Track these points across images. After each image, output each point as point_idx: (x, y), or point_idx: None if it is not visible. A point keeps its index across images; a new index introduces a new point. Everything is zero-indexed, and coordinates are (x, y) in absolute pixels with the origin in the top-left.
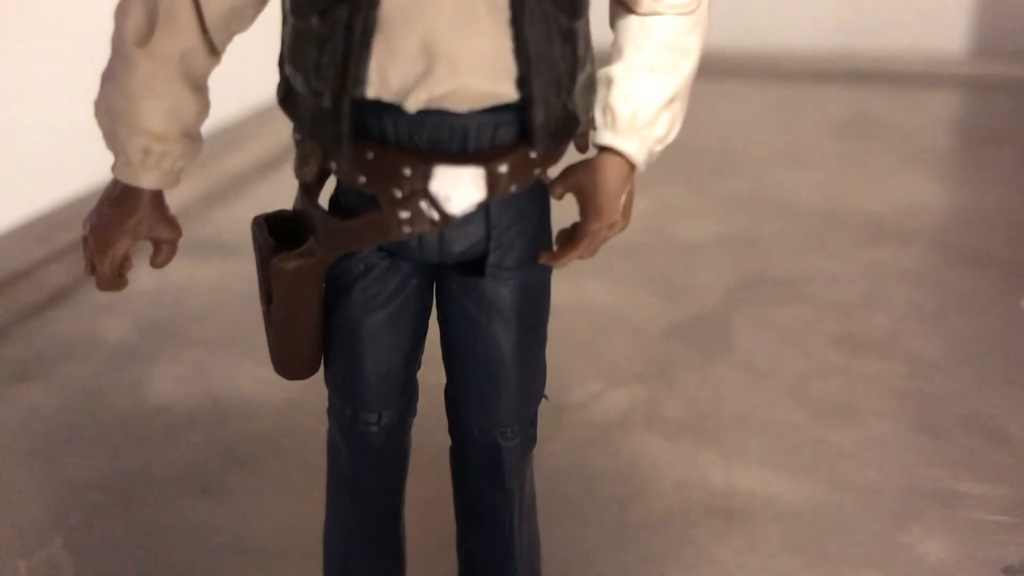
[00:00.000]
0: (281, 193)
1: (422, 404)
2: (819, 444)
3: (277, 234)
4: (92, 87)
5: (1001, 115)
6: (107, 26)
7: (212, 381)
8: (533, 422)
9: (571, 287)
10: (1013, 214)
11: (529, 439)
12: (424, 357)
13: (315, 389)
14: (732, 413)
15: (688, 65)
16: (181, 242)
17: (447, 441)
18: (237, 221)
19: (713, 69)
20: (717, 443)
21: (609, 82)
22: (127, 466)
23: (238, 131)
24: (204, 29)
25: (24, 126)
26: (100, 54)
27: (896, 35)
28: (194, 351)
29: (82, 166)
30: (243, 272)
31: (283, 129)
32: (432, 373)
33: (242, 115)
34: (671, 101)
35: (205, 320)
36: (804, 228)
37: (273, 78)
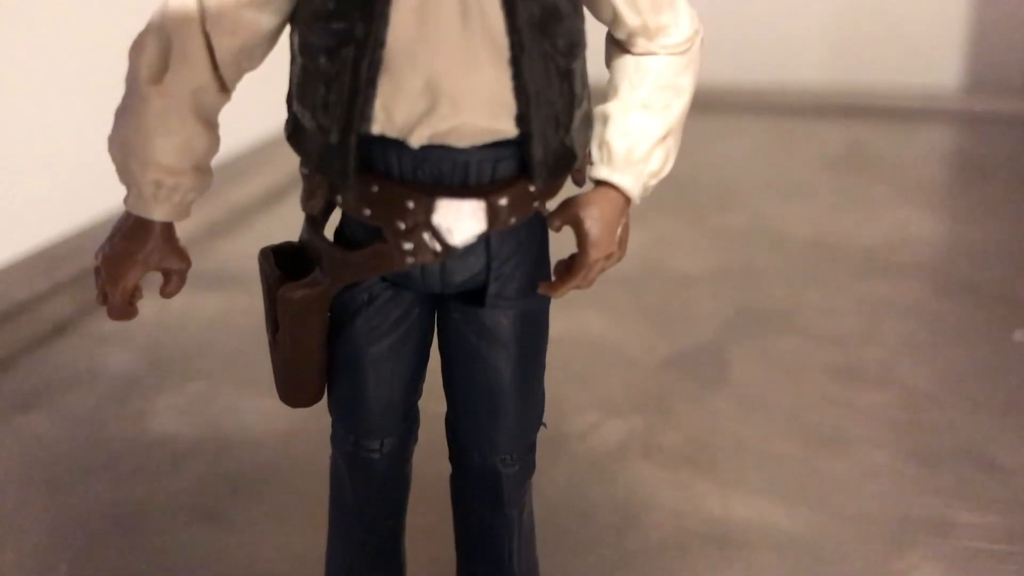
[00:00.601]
0: (282, 227)
1: (422, 433)
2: (814, 473)
3: (283, 265)
4: (95, 122)
5: (994, 149)
6: (108, 62)
7: (214, 411)
8: (532, 449)
9: (569, 319)
10: (1006, 247)
11: (528, 466)
12: (424, 386)
13: (316, 419)
14: (728, 443)
15: (681, 103)
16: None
17: (447, 470)
18: (238, 254)
19: (710, 104)
20: (714, 472)
21: (605, 119)
22: (130, 495)
23: (239, 165)
24: (215, 67)
25: (28, 161)
26: (102, 90)
27: (890, 70)
28: (196, 382)
29: (84, 200)
30: (245, 305)
31: (284, 164)
32: (431, 404)
33: (243, 150)
34: (665, 137)
35: (207, 352)
36: (799, 261)
37: (274, 114)
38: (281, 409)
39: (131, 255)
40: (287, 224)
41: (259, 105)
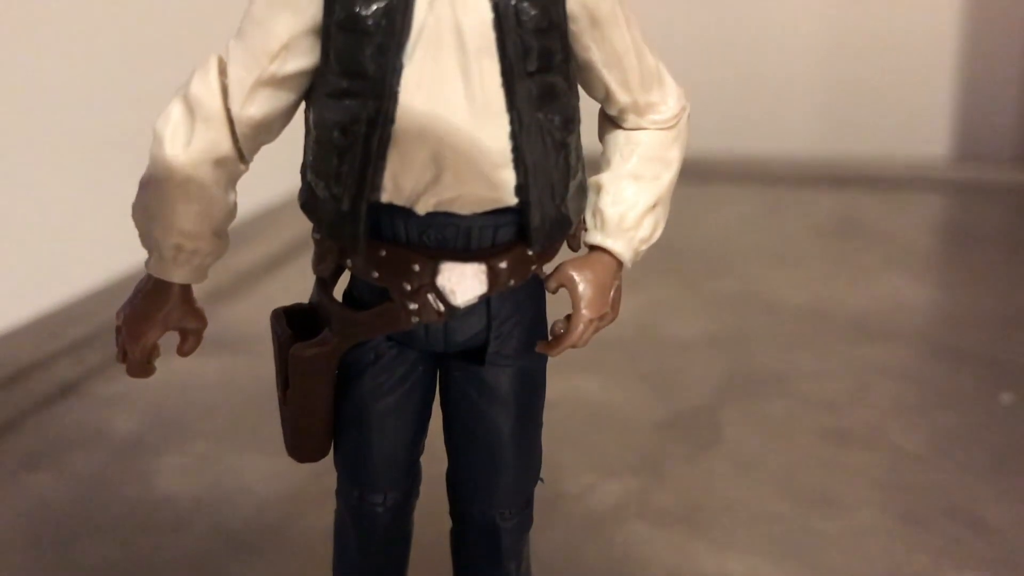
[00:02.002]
0: (282, 292)
1: (422, 495)
2: (806, 533)
3: (294, 325)
4: (98, 192)
5: (981, 217)
6: (111, 133)
7: (217, 472)
8: (529, 503)
9: (566, 382)
10: (993, 313)
11: (526, 519)
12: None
13: (317, 481)
14: (722, 503)
15: (669, 174)
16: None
17: (446, 527)
18: (240, 319)
19: (703, 173)
20: (708, 532)
21: (599, 188)
22: (136, 554)
23: (242, 232)
24: (236, 140)
25: (34, 229)
26: (105, 162)
27: (879, 140)
28: (200, 443)
29: (87, 267)
30: (247, 368)
31: (285, 230)
32: (430, 464)
33: (245, 217)
34: (654, 206)
35: (210, 414)
36: (791, 326)
37: (274, 183)
38: (283, 470)
39: (151, 315)
40: (287, 289)
41: (259, 174)
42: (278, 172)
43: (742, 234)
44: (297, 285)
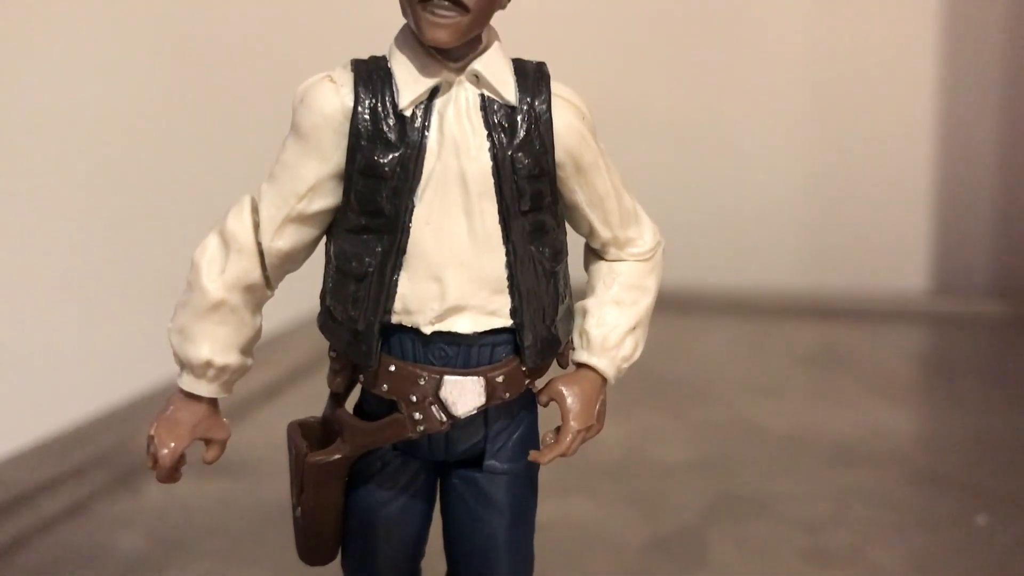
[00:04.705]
0: (280, 418)
1: None
2: None
3: (308, 436)
4: (106, 319)
5: (958, 348)
6: (114, 263)
7: None
8: None
9: (557, 505)
10: (970, 439)
11: None
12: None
13: None
14: None
15: (647, 300)
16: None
17: None
18: (242, 443)
19: (689, 305)
20: None
21: (584, 312)
22: None
23: None
24: (265, 269)
25: (41, 359)
26: (110, 289)
27: (859, 274)
28: (202, 563)
29: (93, 391)
30: (248, 490)
31: (285, 359)
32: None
33: None
34: (634, 328)
35: (212, 534)
36: (774, 452)
37: (275, 312)
38: None
39: (181, 425)
40: (285, 416)
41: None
42: (269, 307)
43: (727, 363)
44: (295, 412)
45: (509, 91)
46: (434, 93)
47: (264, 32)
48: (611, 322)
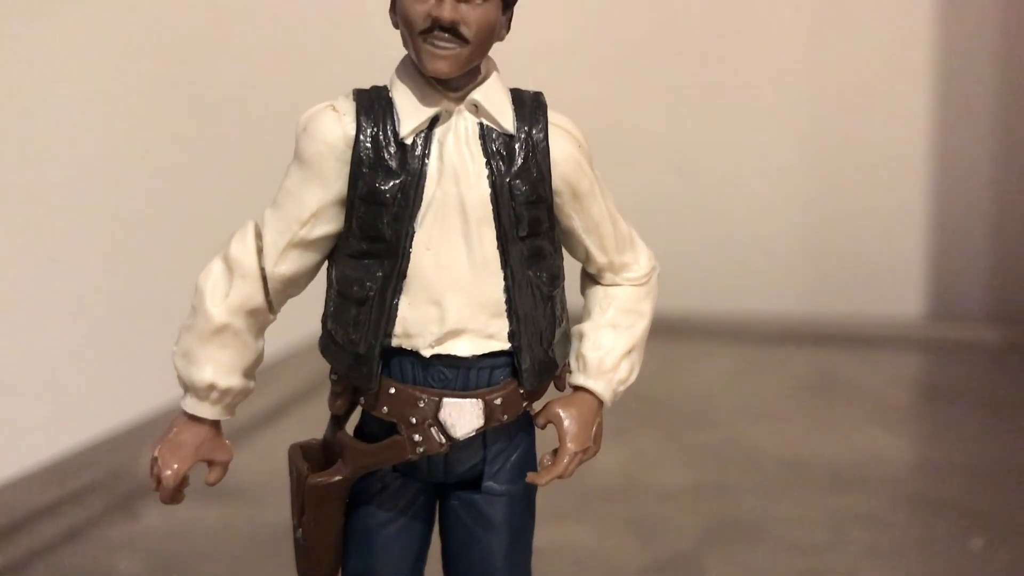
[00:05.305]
0: (278, 443)
1: None
2: None
3: (309, 458)
4: (105, 345)
5: (954, 374)
6: (112, 291)
7: None
8: None
9: (555, 530)
10: (965, 464)
11: None
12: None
13: None
14: None
15: (643, 324)
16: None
17: None
18: (240, 468)
19: (686, 331)
20: None
21: (581, 336)
22: None
23: None
24: (267, 294)
25: (41, 384)
26: (107, 316)
27: (855, 300)
28: None
29: (93, 416)
30: (245, 515)
31: (283, 386)
32: None
33: None
34: (630, 352)
35: (210, 558)
36: (771, 477)
37: (275, 336)
38: None
39: (184, 446)
40: (283, 441)
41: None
42: (270, 332)
43: (724, 389)
44: (295, 436)
45: (507, 120)
46: (434, 122)
47: (270, 62)
48: (607, 345)
